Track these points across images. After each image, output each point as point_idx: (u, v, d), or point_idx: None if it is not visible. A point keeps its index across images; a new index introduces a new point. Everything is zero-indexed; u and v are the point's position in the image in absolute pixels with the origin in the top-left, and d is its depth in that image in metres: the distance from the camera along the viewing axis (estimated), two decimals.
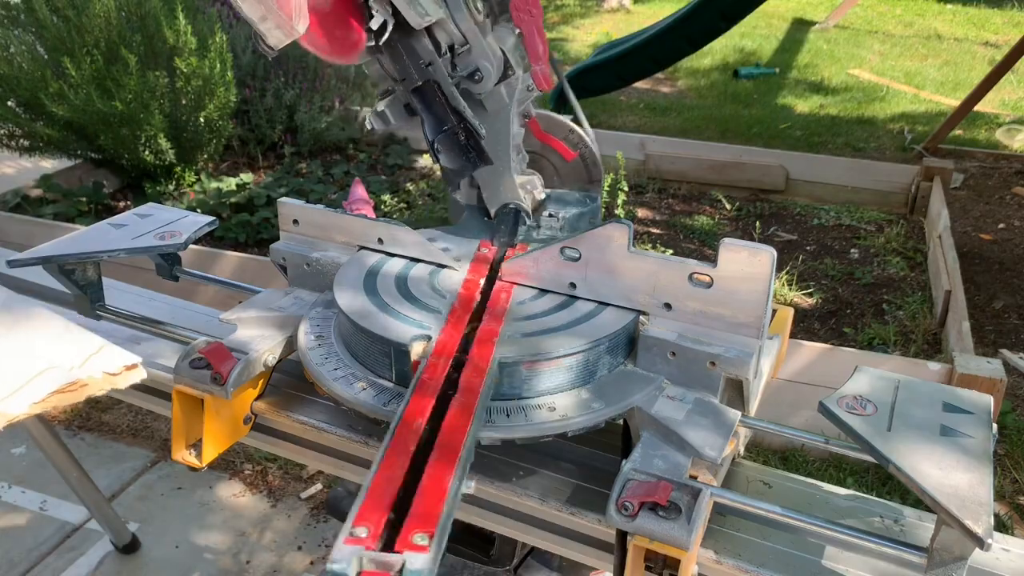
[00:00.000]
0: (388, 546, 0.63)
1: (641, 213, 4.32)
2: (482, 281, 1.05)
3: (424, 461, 0.72)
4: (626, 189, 3.94)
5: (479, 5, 0.99)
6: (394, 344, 0.91)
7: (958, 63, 7.13)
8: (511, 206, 1.15)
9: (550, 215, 1.18)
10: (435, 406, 0.80)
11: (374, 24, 0.94)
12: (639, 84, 6.14)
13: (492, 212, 1.17)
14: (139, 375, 0.89)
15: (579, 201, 1.20)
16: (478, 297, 1.01)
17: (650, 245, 3.92)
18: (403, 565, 0.61)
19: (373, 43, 0.98)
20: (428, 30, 1.00)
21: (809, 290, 3.51)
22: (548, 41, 1.06)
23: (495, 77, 1.03)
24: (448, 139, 1.08)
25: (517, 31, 1.06)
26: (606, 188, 3.71)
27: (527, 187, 1.14)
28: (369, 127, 1.11)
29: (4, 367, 0.81)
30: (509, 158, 1.11)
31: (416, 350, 0.89)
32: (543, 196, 1.18)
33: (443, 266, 1.09)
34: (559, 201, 1.20)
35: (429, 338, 0.91)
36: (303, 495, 2.51)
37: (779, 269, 3.55)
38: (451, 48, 1.02)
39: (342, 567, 0.61)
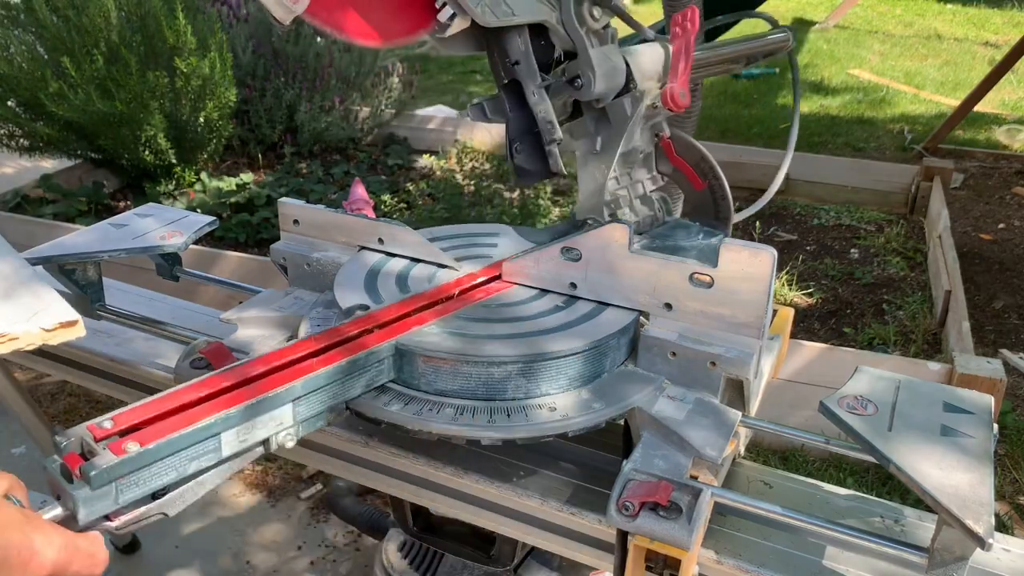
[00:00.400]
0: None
1: None
2: (480, 279, 1.05)
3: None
4: None
5: (595, 12, 0.95)
6: (342, 310, 0.97)
7: (958, 63, 7.12)
8: (588, 221, 1.10)
9: None
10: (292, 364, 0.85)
11: (442, 16, 0.91)
12: None
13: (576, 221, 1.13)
14: (76, 332, 0.90)
15: (690, 234, 1.12)
16: (455, 291, 1.02)
17: None
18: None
19: (441, 34, 0.93)
20: (539, 31, 0.97)
21: (809, 290, 3.51)
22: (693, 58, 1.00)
23: (599, 87, 0.98)
24: (534, 141, 1.03)
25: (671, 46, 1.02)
26: None
27: (611, 206, 1.08)
28: (467, 116, 1.07)
29: None
30: (608, 172, 1.06)
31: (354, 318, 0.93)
32: (629, 217, 1.10)
33: (444, 266, 1.09)
34: (671, 232, 1.12)
35: (367, 308, 0.95)
36: (303, 495, 2.51)
37: (779, 269, 3.55)
38: (569, 53, 0.98)
39: (62, 440, 0.71)
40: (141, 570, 2.26)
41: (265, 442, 0.81)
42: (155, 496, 0.74)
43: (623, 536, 0.79)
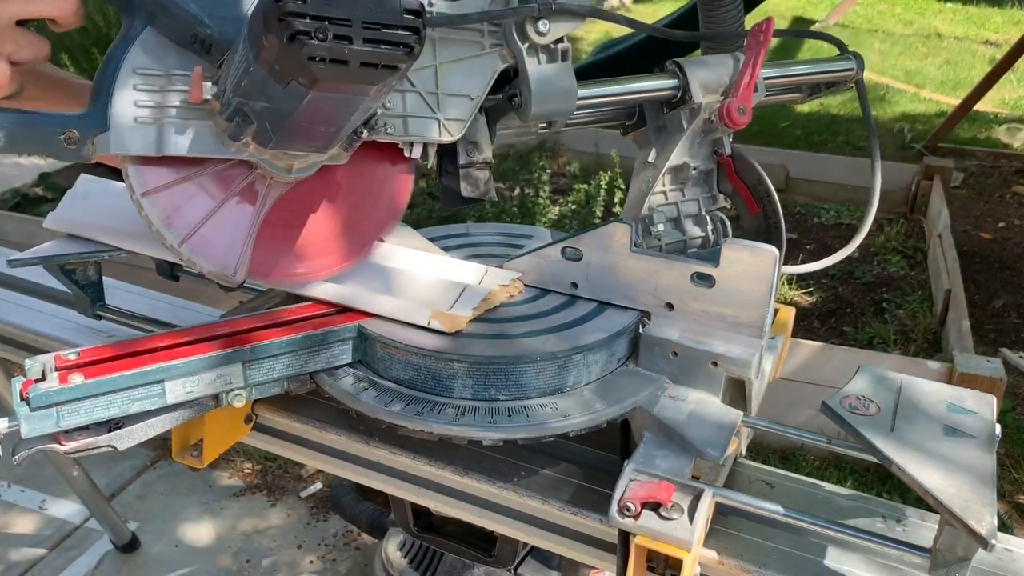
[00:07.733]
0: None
1: None
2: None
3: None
4: (624, 188, 3.94)
5: (540, 25, 0.89)
6: None
7: (958, 62, 7.12)
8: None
9: None
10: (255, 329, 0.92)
11: (415, 153, 0.91)
12: None
13: None
14: (518, 288, 1.02)
15: None
16: None
17: None
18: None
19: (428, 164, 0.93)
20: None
21: (809, 289, 3.51)
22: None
23: (536, 108, 0.91)
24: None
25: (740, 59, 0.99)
26: (603, 186, 3.70)
27: (646, 221, 1.05)
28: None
29: (435, 285, 0.98)
30: (655, 183, 1.03)
31: None
32: (660, 232, 1.06)
33: None
34: (713, 254, 1.09)
35: None
36: (303, 494, 2.51)
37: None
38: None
39: (31, 363, 0.81)
40: (141, 569, 2.26)
41: (216, 397, 0.88)
42: (110, 430, 0.82)
43: (624, 536, 0.79)
